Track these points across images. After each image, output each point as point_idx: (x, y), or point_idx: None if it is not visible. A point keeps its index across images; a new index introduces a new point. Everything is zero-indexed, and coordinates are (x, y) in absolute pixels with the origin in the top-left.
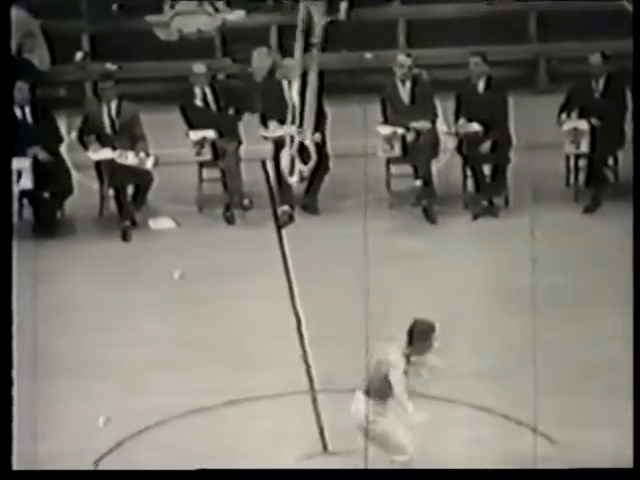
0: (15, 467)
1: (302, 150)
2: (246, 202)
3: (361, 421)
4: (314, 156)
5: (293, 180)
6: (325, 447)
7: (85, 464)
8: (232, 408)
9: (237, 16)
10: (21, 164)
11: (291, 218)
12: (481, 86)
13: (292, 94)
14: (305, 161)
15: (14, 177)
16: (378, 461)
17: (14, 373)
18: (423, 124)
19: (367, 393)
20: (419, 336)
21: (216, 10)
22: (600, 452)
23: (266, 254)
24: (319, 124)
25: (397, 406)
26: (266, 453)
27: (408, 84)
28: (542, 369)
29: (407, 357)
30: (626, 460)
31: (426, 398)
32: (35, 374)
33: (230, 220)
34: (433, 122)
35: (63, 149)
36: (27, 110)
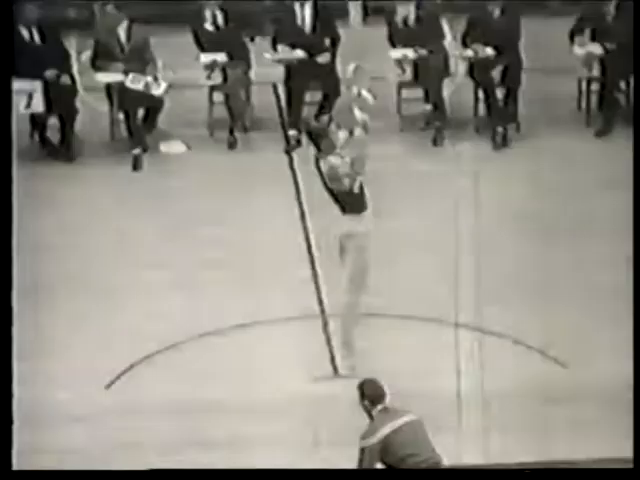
0: (15, 386)
1: None
2: (248, 124)
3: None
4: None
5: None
6: (335, 370)
7: (98, 387)
8: (243, 331)
9: None
10: (31, 86)
11: (299, 142)
12: (497, 12)
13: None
14: None
15: (25, 100)
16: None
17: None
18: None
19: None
20: (317, 137)
21: None
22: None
23: (275, 178)
24: (331, 47)
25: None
26: (277, 376)
27: (412, 7)
28: (552, 293)
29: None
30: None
31: (433, 322)
32: (54, 296)
33: (232, 145)
34: (441, 45)
35: (73, 71)
36: (35, 31)
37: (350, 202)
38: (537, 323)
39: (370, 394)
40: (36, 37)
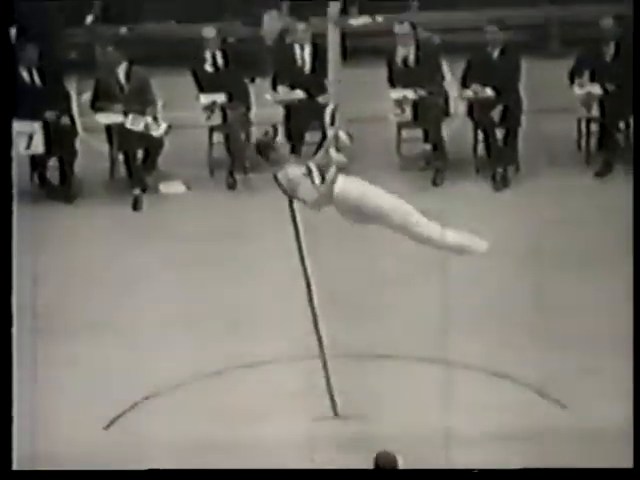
0: (15, 426)
1: None
2: (248, 164)
3: None
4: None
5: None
6: (335, 411)
7: (96, 428)
8: (243, 372)
9: None
10: (31, 128)
11: None
12: (496, 53)
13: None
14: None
15: (25, 141)
16: (389, 427)
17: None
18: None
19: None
20: (264, 150)
21: None
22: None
23: (274, 217)
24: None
25: None
26: (277, 417)
27: (412, 48)
28: (548, 329)
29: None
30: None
31: (431, 362)
32: (53, 335)
33: (232, 185)
34: (440, 86)
35: (74, 112)
36: (35, 73)
37: None
38: (535, 362)
39: (382, 467)
40: (36, 79)
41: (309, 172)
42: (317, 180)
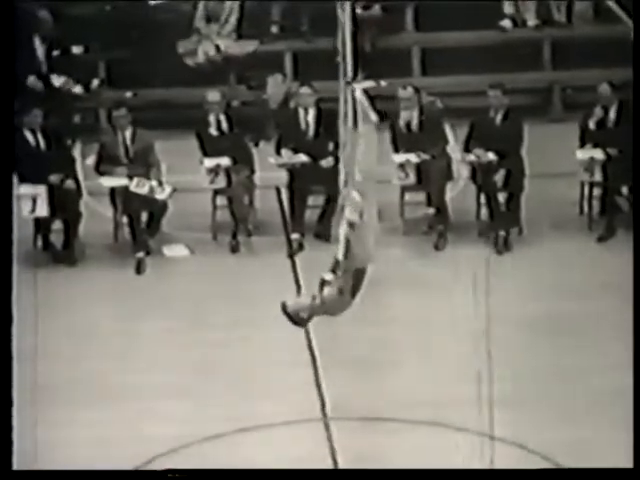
0: None
1: None
2: (251, 227)
3: None
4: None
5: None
6: None
7: None
8: (245, 435)
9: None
10: (36, 191)
11: (301, 246)
12: (499, 117)
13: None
14: None
15: (29, 204)
16: None
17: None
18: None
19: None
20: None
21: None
22: None
23: (277, 280)
24: (334, 151)
25: None
26: None
27: (415, 113)
28: (554, 398)
29: None
30: None
31: (437, 426)
32: (55, 400)
33: (235, 248)
34: (443, 150)
35: (78, 175)
36: (40, 137)
37: None
38: (538, 427)
39: None
40: (41, 142)
41: (325, 282)
42: (329, 276)
